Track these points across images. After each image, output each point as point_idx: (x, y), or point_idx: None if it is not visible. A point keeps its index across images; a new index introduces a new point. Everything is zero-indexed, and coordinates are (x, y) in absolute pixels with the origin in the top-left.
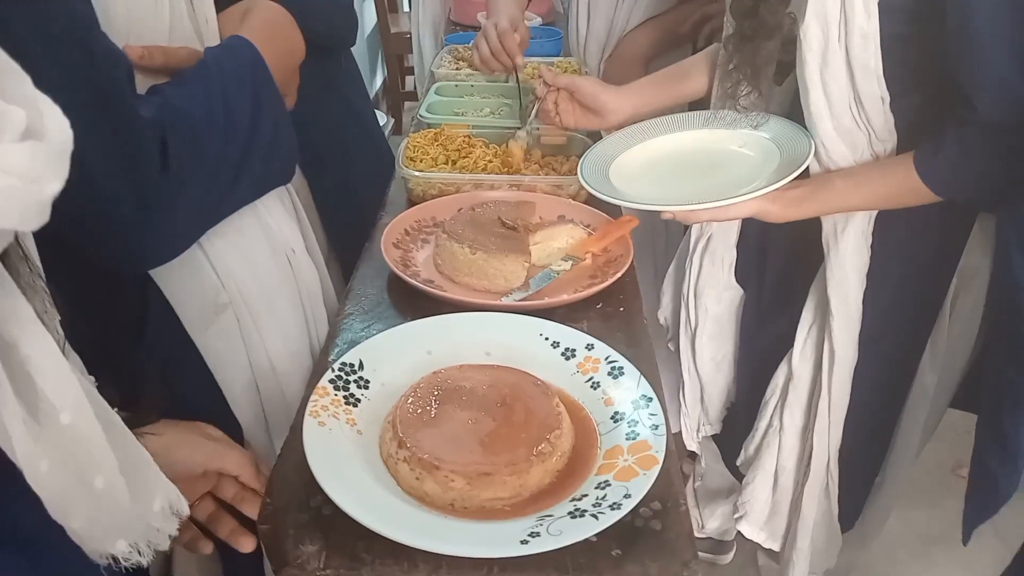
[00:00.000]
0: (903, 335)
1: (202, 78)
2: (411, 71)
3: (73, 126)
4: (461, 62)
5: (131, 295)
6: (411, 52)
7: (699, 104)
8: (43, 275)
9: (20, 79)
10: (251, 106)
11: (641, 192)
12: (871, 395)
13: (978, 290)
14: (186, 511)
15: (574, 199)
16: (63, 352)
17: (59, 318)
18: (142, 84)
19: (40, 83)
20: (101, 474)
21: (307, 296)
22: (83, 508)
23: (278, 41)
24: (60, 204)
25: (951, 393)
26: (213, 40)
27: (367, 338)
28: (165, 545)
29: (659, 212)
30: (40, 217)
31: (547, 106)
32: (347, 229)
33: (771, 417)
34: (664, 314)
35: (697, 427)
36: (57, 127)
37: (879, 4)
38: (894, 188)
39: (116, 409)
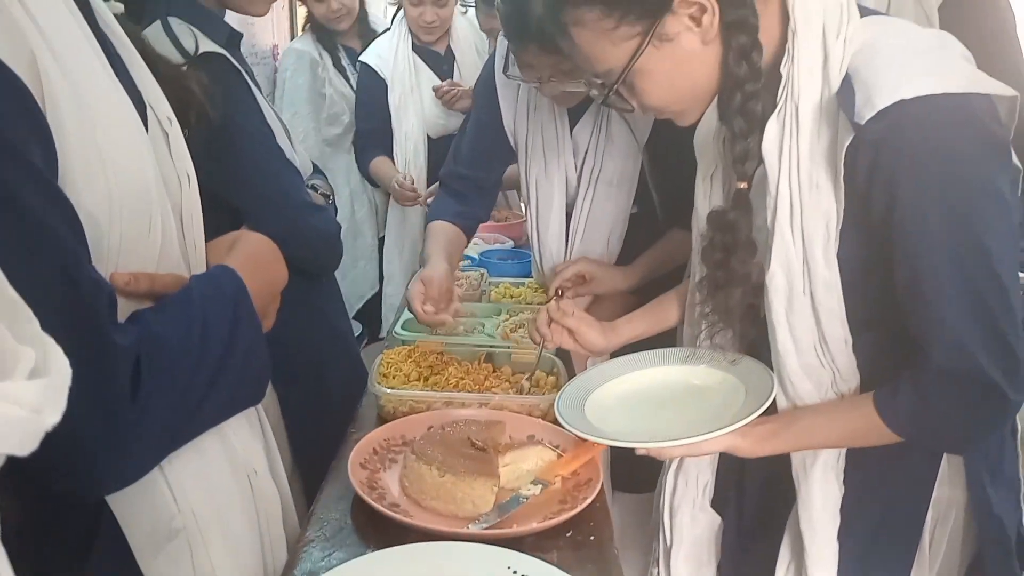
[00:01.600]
0: (884, 571)
1: (183, 305)
2: None
3: None
4: None
5: (80, 518)
6: None
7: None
8: None
9: (31, 321)
10: (228, 335)
11: (615, 425)
12: None
13: (955, 520)
14: None
15: (544, 419)
16: None
17: None
18: (126, 308)
19: None
20: None
21: (265, 519)
22: None
23: (262, 272)
24: None
25: None
26: (200, 267)
27: (326, 569)
28: None
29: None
30: (33, 444)
31: (548, 345)
32: (313, 445)
33: None
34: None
35: None
36: (59, 365)
37: (837, 255)
38: (859, 426)
39: None
